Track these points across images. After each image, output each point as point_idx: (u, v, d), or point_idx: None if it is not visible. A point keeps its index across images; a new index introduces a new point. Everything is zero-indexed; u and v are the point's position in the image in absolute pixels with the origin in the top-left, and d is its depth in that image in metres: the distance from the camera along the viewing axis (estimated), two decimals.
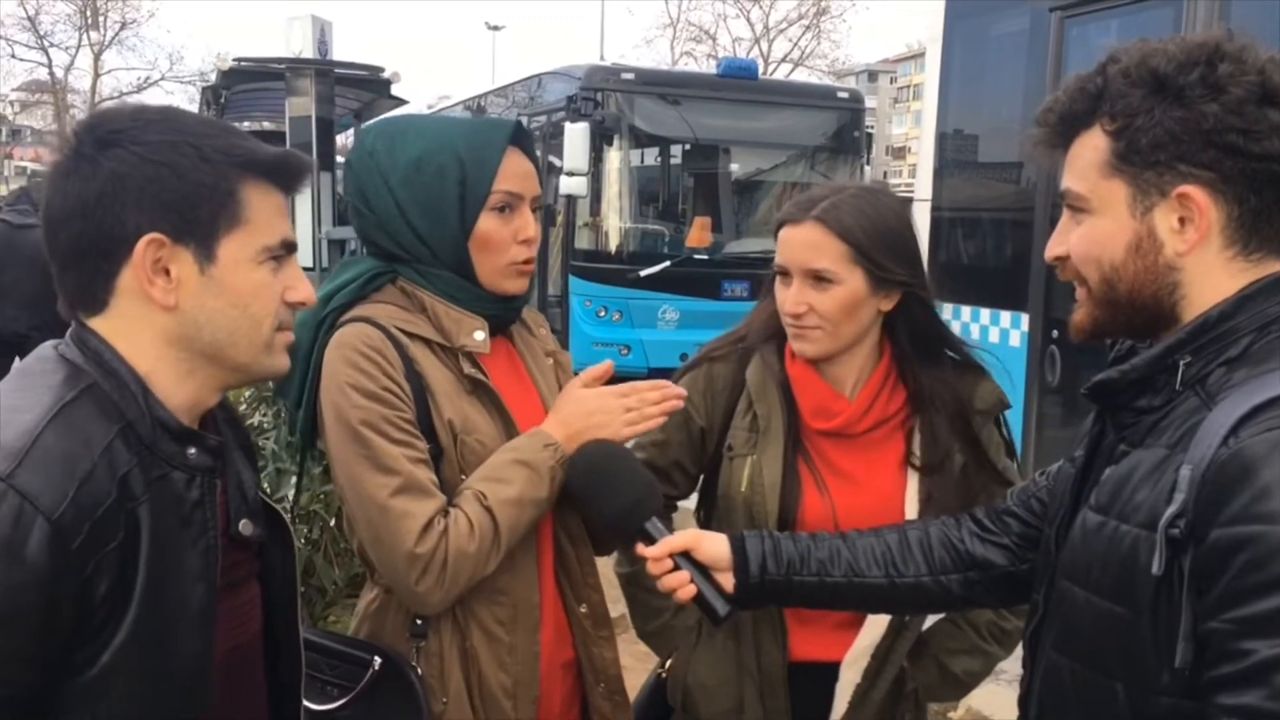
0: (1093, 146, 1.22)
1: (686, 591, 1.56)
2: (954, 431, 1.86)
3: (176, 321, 1.20)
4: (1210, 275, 1.19)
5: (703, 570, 1.57)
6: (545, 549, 1.78)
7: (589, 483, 1.64)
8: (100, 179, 1.16)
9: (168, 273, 1.18)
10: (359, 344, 1.63)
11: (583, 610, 1.82)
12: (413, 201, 1.68)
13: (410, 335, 1.68)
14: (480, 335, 1.70)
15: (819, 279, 1.79)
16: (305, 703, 1.58)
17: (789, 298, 1.82)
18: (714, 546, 1.59)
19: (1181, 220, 1.18)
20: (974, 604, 1.71)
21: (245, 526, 1.30)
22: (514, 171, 1.71)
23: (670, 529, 1.62)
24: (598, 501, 1.64)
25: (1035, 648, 1.35)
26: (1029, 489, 1.58)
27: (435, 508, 1.60)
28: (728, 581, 1.58)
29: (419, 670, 1.67)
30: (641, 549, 1.60)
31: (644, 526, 1.59)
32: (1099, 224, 1.23)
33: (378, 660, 1.66)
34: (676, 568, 1.57)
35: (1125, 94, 1.19)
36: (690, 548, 1.58)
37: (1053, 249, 1.30)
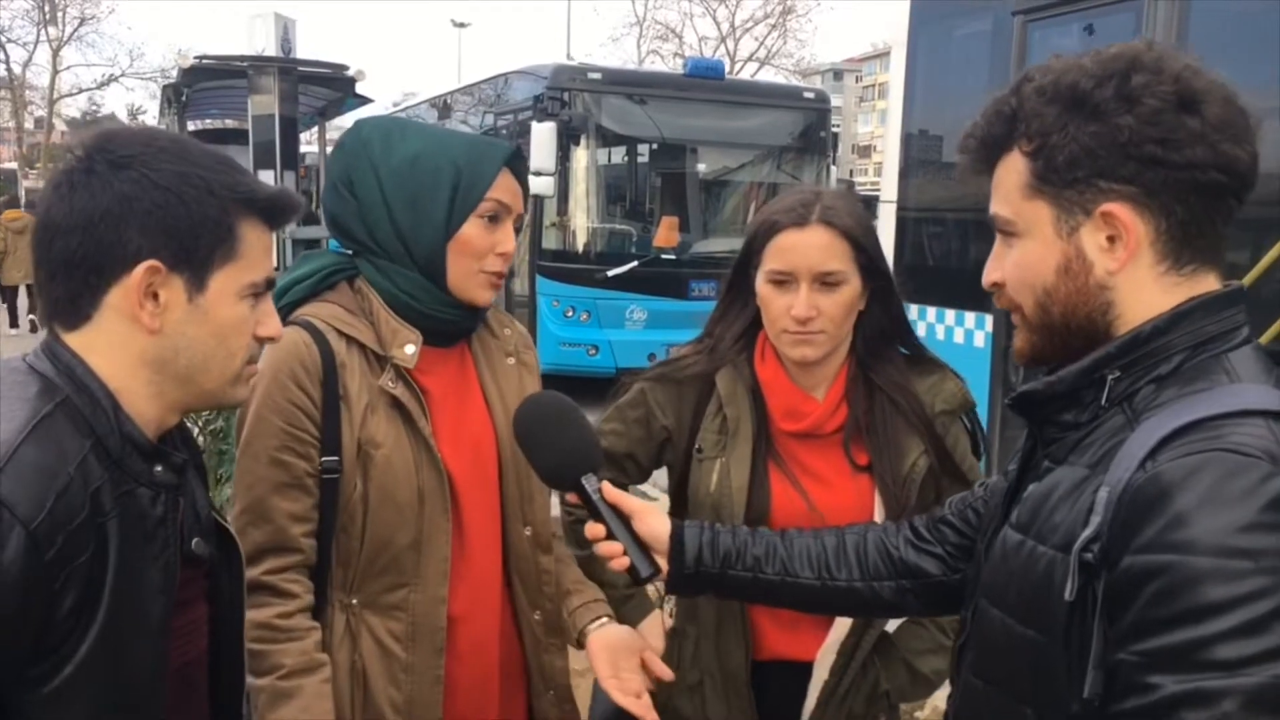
0: (1014, 169, 1.19)
1: (619, 563, 1.56)
2: (913, 431, 1.86)
3: (156, 344, 1.22)
4: (1143, 292, 1.14)
5: (634, 537, 1.57)
6: (491, 558, 1.78)
7: (530, 432, 1.64)
8: (108, 197, 1.18)
9: (156, 297, 1.21)
10: (285, 351, 1.65)
11: (536, 617, 1.82)
12: (400, 195, 1.70)
13: (348, 339, 1.69)
14: (410, 349, 1.71)
15: (826, 282, 1.78)
16: None
17: (800, 303, 1.77)
18: (655, 525, 1.58)
19: (1110, 239, 1.14)
20: (904, 611, 1.69)
21: (198, 545, 1.31)
22: (507, 186, 1.74)
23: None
24: (535, 451, 1.64)
25: (959, 665, 1.32)
26: (967, 499, 1.56)
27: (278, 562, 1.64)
28: (662, 565, 1.57)
29: None
30: (573, 498, 1.60)
31: (579, 481, 1.59)
32: (1027, 247, 1.19)
33: None
34: (611, 537, 1.56)
35: (1040, 113, 1.15)
36: (631, 515, 1.57)
37: (989, 275, 1.26)
